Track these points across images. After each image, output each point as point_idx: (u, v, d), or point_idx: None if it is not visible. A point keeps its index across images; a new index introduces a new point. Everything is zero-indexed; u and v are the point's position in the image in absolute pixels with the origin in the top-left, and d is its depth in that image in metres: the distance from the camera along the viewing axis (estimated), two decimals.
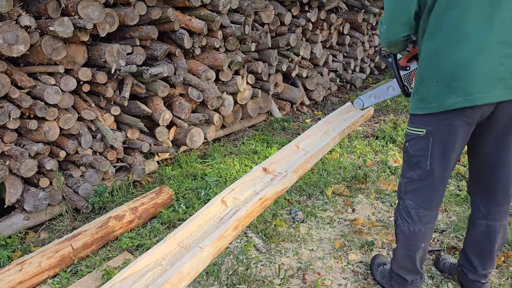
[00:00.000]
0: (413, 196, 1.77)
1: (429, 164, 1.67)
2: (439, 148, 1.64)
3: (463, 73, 1.49)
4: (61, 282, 2.20)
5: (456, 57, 1.49)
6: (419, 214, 1.77)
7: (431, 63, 1.57)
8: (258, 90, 4.33)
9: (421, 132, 1.65)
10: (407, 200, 1.79)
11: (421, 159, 1.69)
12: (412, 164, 1.73)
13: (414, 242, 1.81)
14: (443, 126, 1.60)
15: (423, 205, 1.76)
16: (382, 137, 4.13)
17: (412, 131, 1.70)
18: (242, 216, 1.72)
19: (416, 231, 1.79)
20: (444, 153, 1.65)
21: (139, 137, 3.32)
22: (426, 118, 1.63)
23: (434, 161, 1.67)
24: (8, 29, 2.35)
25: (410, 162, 1.74)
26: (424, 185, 1.73)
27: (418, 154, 1.70)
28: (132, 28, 3.16)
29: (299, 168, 2.10)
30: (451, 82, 1.52)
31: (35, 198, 2.64)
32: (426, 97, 1.60)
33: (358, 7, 5.55)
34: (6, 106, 2.49)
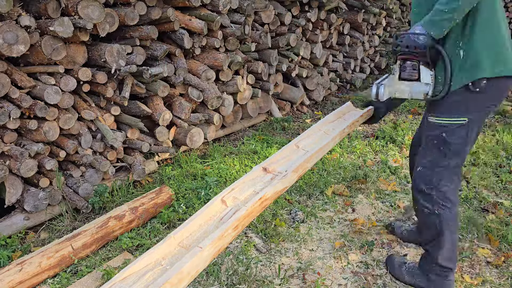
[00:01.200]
0: (450, 181, 1.86)
1: (467, 149, 1.81)
2: (474, 133, 1.80)
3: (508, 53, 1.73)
4: (61, 282, 2.20)
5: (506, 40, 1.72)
6: (455, 195, 1.89)
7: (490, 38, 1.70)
8: (258, 90, 4.33)
9: (464, 121, 1.75)
10: (443, 187, 1.85)
11: (461, 147, 1.79)
12: (450, 153, 1.80)
13: (456, 223, 1.92)
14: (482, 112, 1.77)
15: (458, 185, 1.91)
16: (382, 137, 4.13)
17: (451, 122, 1.77)
18: (242, 216, 1.72)
19: (456, 212, 1.90)
20: (475, 137, 1.83)
21: (139, 137, 3.32)
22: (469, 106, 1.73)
23: (470, 145, 1.82)
24: (8, 29, 2.35)
25: (448, 151, 1.81)
26: (458, 170, 1.87)
27: (458, 142, 1.78)
28: (132, 28, 3.16)
29: (299, 168, 2.10)
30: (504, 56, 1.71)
31: (35, 198, 2.64)
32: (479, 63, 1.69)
33: (358, 7, 5.55)
34: (6, 106, 2.50)
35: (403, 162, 3.60)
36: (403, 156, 3.73)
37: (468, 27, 1.72)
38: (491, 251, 2.38)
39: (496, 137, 4.02)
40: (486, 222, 2.63)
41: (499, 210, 2.79)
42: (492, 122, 4.64)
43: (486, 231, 2.52)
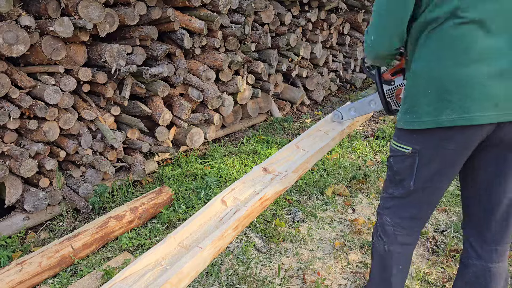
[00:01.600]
0: (392, 213, 1.60)
1: (412, 184, 1.50)
2: (426, 170, 1.46)
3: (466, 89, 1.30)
4: (61, 282, 2.20)
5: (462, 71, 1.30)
6: (396, 233, 1.59)
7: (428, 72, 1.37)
8: (258, 90, 4.33)
9: (407, 150, 1.47)
10: (385, 216, 1.62)
11: (405, 178, 1.52)
12: (395, 181, 1.57)
13: (388, 264, 1.62)
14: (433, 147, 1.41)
15: (400, 223, 1.58)
16: (382, 137, 4.13)
17: (397, 147, 1.52)
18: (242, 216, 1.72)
19: (391, 251, 1.60)
20: (432, 176, 1.47)
21: (139, 137, 3.32)
22: (415, 135, 1.43)
23: (419, 182, 1.49)
24: (8, 29, 2.35)
25: (393, 179, 1.58)
26: (405, 203, 1.57)
27: (401, 173, 1.53)
28: (132, 28, 3.16)
29: (299, 168, 2.10)
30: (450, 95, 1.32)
31: (35, 198, 2.64)
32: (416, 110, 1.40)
33: (358, 7, 5.55)
34: (6, 106, 2.49)
35: None
36: None
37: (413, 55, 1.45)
38: None
39: None
40: None
41: None
42: None
43: None
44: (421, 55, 1.40)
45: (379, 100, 2.04)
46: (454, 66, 1.31)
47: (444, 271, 2.23)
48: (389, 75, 1.87)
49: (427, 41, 1.37)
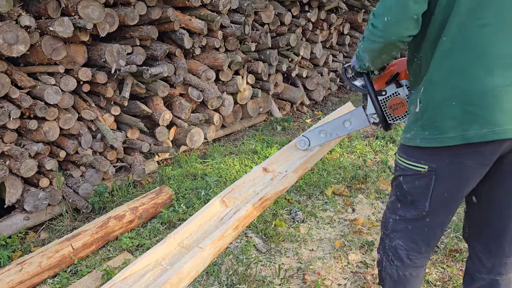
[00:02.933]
0: (404, 237, 1.47)
1: (428, 205, 1.37)
2: (443, 190, 1.33)
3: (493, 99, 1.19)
4: (61, 282, 2.20)
5: (487, 79, 1.19)
6: (411, 257, 1.48)
7: (450, 83, 1.24)
8: (258, 90, 4.33)
9: (422, 169, 1.33)
10: (396, 240, 1.49)
11: (419, 199, 1.38)
12: (406, 202, 1.44)
13: None
14: (452, 165, 1.29)
15: (415, 248, 1.46)
16: (382, 137, 4.13)
17: (408, 165, 1.38)
18: (242, 216, 1.72)
19: (406, 276, 1.50)
20: (449, 197, 1.34)
21: (139, 137, 3.32)
22: (432, 152, 1.30)
23: (435, 203, 1.36)
24: (8, 29, 2.35)
25: (404, 199, 1.44)
26: (419, 226, 1.43)
27: (415, 193, 1.39)
28: (132, 28, 3.16)
29: (299, 168, 2.10)
30: (477, 107, 1.20)
31: (35, 198, 2.64)
32: (438, 125, 1.26)
33: (358, 7, 5.55)
34: (6, 106, 2.49)
35: None
36: None
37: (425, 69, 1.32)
38: None
39: None
40: None
41: None
42: None
43: None
44: (440, 62, 1.27)
45: (356, 119, 1.85)
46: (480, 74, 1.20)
47: (444, 271, 2.23)
48: (383, 84, 1.68)
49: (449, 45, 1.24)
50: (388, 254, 1.52)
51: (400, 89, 1.65)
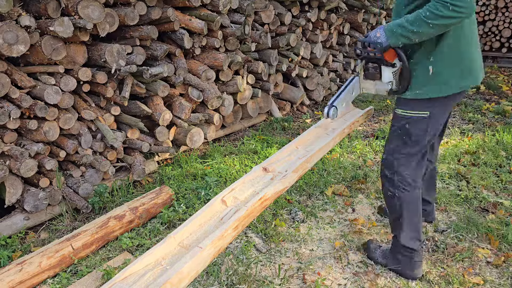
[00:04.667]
0: (409, 167, 2.04)
1: (427, 140, 1.99)
2: (435, 126, 1.98)
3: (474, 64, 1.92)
4: (61, 282, 2.20)
5: (473, 53, 1.91)
6: (416, 181, 2.07)
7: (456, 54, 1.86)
8: (258, 90, 4.33)
9: (426, 114, 1.93)
10: (404, 172, 2.04)
11: (421, 138, 1.98)
12: (411, 142, 2.00)
13: (416, 205, 2.09)
14: (443, 107, 1.95)
15: (417, 173, 2.06)
16: (382, 137, 4.13)
17: (414, 114, 1.95)
18: (242, 216, 1.72)
19: (417, 193, 2.08)
20: (436, 130, 2.01)
21: (139, 137, 3.32)
22: (431, 102, 1.91)
23: (430, 136, 1.99)
24: (8, 29, 2.35)
25: (409, 140, 2.00)
26: (419, 157, 2.04)
27: (419, 133, 1.97)
28: (132, 28, 3.16)
29: (299, 168, 2.10)
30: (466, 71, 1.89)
31: (35, 198, 2.64)
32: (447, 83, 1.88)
33: (358, 7, 5.55)
34: (6, 106, 2.49)
35: None
36: None
37: (439, 44, 1.86)
38: (491, 251, 2.38)
39: (496, 137, 4.02)
40: (486, 222, 2.63)
41: (499, 210, 2.79)
42: (492, 122, 4.64)
43: (486, 231, 2.52)
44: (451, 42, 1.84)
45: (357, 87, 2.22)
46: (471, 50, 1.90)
47: (444, 270, 2.23)
48: (393, 57, 1.94)
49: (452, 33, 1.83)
50: (399, 186, 2.06)
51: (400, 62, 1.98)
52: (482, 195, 2.97)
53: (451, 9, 1.68)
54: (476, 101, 5.41)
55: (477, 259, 2.31)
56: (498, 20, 7.86)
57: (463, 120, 4.79)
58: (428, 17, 1.71)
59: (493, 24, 7.93)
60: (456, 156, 3.66)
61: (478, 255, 2.34)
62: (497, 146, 3.79)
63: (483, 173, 3.31)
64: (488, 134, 4.17)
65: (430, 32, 1.76)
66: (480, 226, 2.57)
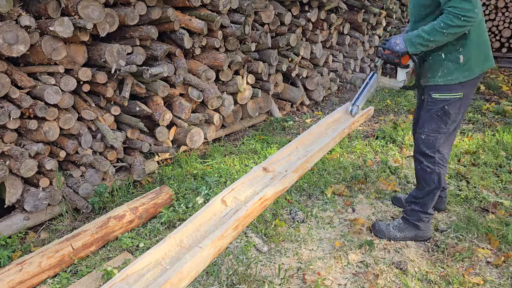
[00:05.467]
0: (447, 144, 2.36)
1: (460, 118, 2.30)
2: (466, 104, 2.29)
3: (490, 50, 2.28)
4: (61, 282, 2.20)
5: (488, 40, 2.26)
6: (448, 156, 2.40)
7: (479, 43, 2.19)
8: (258, 90, 4.33)
9: (460, 95, 2.22)
10: (443, 150, 2.34)
11: (457, 116, 2.28)
12: (450, 121, 2.27)
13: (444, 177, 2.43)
14: (470, 88, 2.25)
15: (450, 148, 2.42)
16: (382, 137, 4.13)
17: (451, 96, 2.24)
18: (242, 216, 1.72)
19: (446, 167, 2.40)
20: (466, 108, 2.32)
21: (139, 137, 3.32)
22: (464, 84, 2.21)
23: (462, 114, 2.31)
24: (8, 29, 2.35)
25: (448, 120, 2.27)
26: (453, 133, 2.35)
27: (456, 112, 2.26)
28: (132, 28, 3.16)
29: (299, 168, 2.10)
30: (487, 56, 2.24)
31: (35, 198, 2.64)
32: (473, 67, 2.19)
33: (358, 7, 5.55)
34: (6, 106, 2.49)
35: (403, 162, 3.60)
36: (403, 156, 3.73)
37: (469, 36, 2.17)
38: (491, 251, 2.38)
39: (496, 137, 4.02)
40: (486, 222, 2.63)
41: (499, 210, 2.79)
42: (492, 122, 4.64)
43: (486, 231, 2.52)
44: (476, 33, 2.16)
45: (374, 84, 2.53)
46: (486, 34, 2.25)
47: (444, 270, 2.23)
48: (407, 60, 2.30)
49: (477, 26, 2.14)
50: (439, 163, 2.36)
51: (412, 63, 2.33)
52: (482, 195, 2.97)
53: (463, 19, 1.99)
54: (476, 101, 5.41)
55: (477, 259, 2.31)
56: (498, 20, 7.87)
57: (463, 120, 4.79)
58: (443, 27, 2.03)
59: (493, 24, 7.94)
60: (456, 156, 3.66)
61: (478, 255, 2.34)
62: (497, 146, 3.79)
63: (483, 173, 3.31)
64: (488, 134, 4.17)
65: (445, 39, 2.09)
66: (480, 226, 2.57)
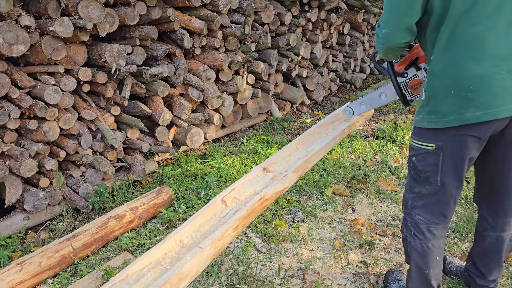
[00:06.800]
0: (423, 212, 1.70)
1: (439, 180, 1.61)
2: (450, 164, 1.58)
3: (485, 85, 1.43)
4: (61, 282, 2.20)
5: (479, 69, 1.42)
6: (431, 229, 1.70)
7: (448, 74, 1.48)
8: (258, 90, 4.33)
9: (430, 147, 1.58)
10: (417, 216, 1.72)
11: (431, 175, 1.62)
12: (421, 180, 1.66)
13: (427, 260, 1.72)
14: (454, 142, 1.53)
15: (434, 220, 1.69)
16: (382, 137, 4.13)
17: (419, 145, 1.62)
18: (242, 216, 1.72)
19: (429, 247, 1.71)
20: (455, 169, 1.59)
21: (139, 137, 3.32)
22: (437, 132, 1.55)
23: (445, 176, 1.60)
24: (8, 29, 2.35)
25: (418, 178, 1.67)
26: (435, 200, 1.66)
27: (427, 170, 1.63)
28: (132, 28, 3.16)
29: (299, 168, 2.10)
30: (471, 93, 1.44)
31: (35, 198, 2.64)
32: (440, 110, 1.51)
33: (358, 7, 5.55)
34: (6, 106, 2.49)
35: (403, 162, 3.60)
36: (403, 156, 3.73)
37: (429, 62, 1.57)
38: None
39: None
40: None
41: None
42: None
43: None
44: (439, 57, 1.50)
45: (389, 92, 2.11)
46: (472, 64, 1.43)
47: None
48: (402, 68, 1.95)
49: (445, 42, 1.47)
50: (411, 230, 1.75)
51: (419, 71, 1.92)
52: None
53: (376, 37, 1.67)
54: None
55: None
56: None
57: None
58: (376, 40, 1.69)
59: None
60: None
61: None
62: None
63: None
64: None
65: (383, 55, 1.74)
66: None
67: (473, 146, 1.53)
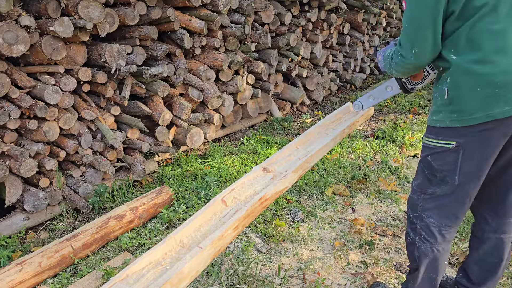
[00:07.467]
0: (436, 214, 1.63)
1: (457, 178, 1.54)
2: (470, 162, 1.51)
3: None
4: (61, 282, 2.20)
5: (505, 65, 1.41)
6: (443, 232, 1.63)
7: (472, 72, 1.44)
8: (258, 90, 4.33)
9: (450, 145, 1.51)
10: (428, 218, 1.65)
11: (448, 174, 1.55)
12: (436, 180, 1.60)
13: (437, 264, 1.68)
14: (478, 138, 1.47)
15: (447, 223, 1.62)
16: (382, 137, 4.13)
17: (436, 144, 1.56)
18: (242, 216, 1.72)
19: (440, 251, 1.66)
20: (476, 167, 1.52)
21: (139, 137, 3.32)
22: (459, 130, 1.49)
23: (464, 176, 1.53)
24: (8, 29, 2.35)
25: (433, 178, 1.60)
26: (450, 201, 1.60)
27: (444, 169, 1.56)
28: (132, 28, 3.16)
29: (299, 168, 2.10)
30: (500, 89, 1.40)
31: (35, 198, 2.64)
32: (465, 108, 1.46)
33: (358, 7, 5.55)
34: (6, 106, 2.49)
35: (403, 162, 3.60)
36: (403, 156, 3.73)
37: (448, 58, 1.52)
38: None
39: None
40: None
41: None
42: None
43: None
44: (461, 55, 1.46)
45: (394, 85, 2.17)
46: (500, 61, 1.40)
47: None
48: None
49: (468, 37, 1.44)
50: (420, 234, 1.67)
51: None
52: None
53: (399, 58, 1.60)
54: None
55: None
56: None
57: None
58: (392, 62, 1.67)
59: None
60: None
61: None
62: None
63: None
64: None
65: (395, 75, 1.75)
66: None
67: (498, 143, 1.48)
